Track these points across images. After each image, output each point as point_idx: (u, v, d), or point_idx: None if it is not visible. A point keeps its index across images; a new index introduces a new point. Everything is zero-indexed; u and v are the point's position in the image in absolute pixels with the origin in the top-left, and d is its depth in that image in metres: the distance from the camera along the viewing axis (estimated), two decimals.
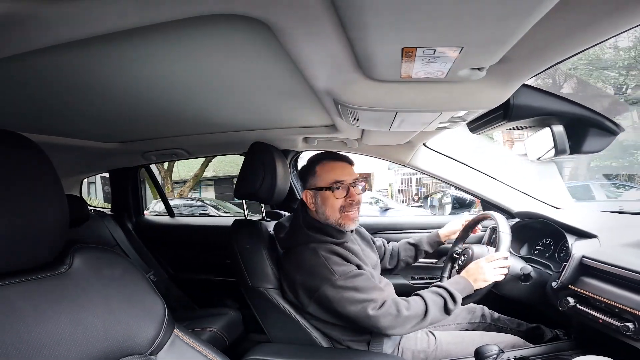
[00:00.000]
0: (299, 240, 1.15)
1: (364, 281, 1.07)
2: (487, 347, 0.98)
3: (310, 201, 1.17)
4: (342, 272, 1.07)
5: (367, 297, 1.04)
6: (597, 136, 1.07)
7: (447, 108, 0.92)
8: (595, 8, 0.53)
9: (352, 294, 1.04)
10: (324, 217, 1.15)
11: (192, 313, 1.94)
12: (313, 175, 1.17)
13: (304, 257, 1.11)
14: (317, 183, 1.16)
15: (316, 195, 1.16)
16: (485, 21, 0.50)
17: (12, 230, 0.49)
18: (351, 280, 1.06)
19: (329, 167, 1.18)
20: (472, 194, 1.77)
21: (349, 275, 1.07)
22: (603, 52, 7.50)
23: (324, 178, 1.16)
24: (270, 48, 0.70)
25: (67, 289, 0.57)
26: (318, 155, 1.23)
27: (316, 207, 1.17)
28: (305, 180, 1.19)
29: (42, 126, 1.23)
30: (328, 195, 1.14)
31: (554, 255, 1.34)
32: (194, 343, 0.70)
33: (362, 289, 1.05)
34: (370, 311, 1.01)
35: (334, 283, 1.05)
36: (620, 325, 0.92)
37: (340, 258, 1.10)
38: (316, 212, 1.17)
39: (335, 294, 1.05)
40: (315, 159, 1.21)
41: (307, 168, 1.20)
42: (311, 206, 1.17)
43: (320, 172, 1.17)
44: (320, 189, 1.15)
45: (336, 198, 1.14)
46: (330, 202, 1.14)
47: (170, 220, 2.32)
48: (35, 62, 0.70)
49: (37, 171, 0.54)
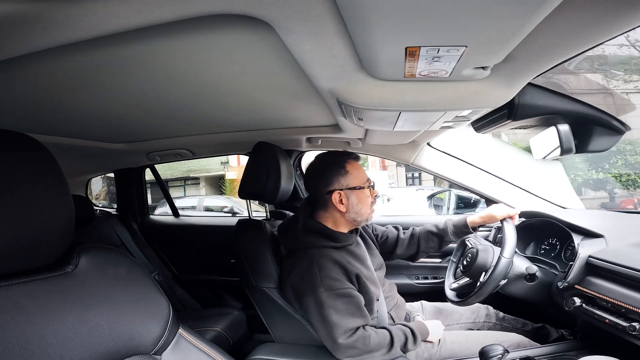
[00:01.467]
0: (299, 244, 1.15)
1: (348, 304, 1.05)
2: (491, 347, 0.97)
3: (343, 201, 1.15)
4: (329, 286, 1.05)
5: (341, 322, 1.02)
6: (603, 135, 1.06)
7: (451, 107, 0.91)
8: (600, 6, 0.52)
9: (330, 312, 1.03)
10: (358, 215, 1.16)
11: (197, 313, 1.96)
12: (345, 175, 1.15)
13: (299, 262, 1.11)
14: (352, 182, 1.15)
15: (350, 195, 1.15)
16: (490, 20, 0.50)
17: (18, 230, 0.50)
18: (335, 298, 1.04)
19: (357, 166, 1.19)
20: (477, 193, 1.76)
21: (335, 292, 1.05)
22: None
23: (356, 177, 1.16)
24: (274, 48, 0.70)
25: (73, 288, 0.57)
26: (338, 154, 1.21)
27: (349, 207, 1.15)
28: (331, 181, 1.15)
29: (48, 127, 1.24)
30: (365, 194, 1.17)
31: (560, 254, 1.33)
32: (199, 343, 0.70)
33: (341, 311, 1.04)
34: (339, 338, 1.01)
35: (317, 295, 1.04)
36: (627, 325, 0.91)
37: (337, 269, 1.08)
38: (347, 212, 1.15)
39: (314, 305, 1.05)
40: (339, 159, 1.18)
41: (332, 167, 1.17)
42: (341, 207, 1.15)
43: (351, 171, 1.17)
44: (358, 188, 1.16)
45: (369, 196, 1.18)
46: (366, 200, 1.17)
47: (175, 221, 2.33)
48: (39, 63, 0.70)
49: (44, 171, 0.55)
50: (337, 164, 1.17)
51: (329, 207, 1.16)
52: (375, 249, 1.35)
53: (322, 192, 1.16)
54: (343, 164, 1.17)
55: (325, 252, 1.10)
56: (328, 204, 1.16)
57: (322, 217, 1.19)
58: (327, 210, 1.17)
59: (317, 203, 1.19)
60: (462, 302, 1.27)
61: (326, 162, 1.19)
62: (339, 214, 1.16)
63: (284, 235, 1.22)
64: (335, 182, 1.15)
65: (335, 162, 1.18)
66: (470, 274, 1.28)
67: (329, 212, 1.17)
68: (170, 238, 2.27)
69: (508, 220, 1.24)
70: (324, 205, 1.17)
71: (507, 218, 1.25)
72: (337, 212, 1.16)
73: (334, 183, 1.15)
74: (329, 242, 1.13)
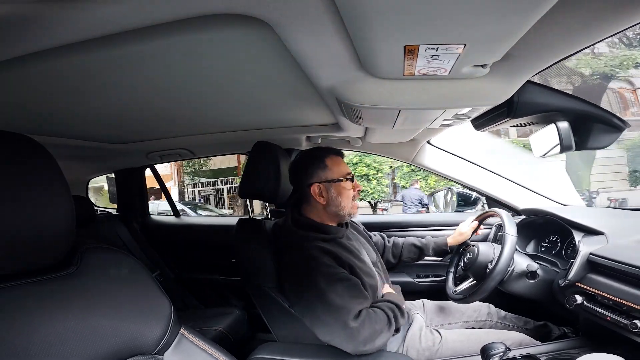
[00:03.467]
0: (291, 240, 1.16)
1: (349, 288, 1.05)
2: (493, 345, 0.97)
3: (322, 194, 1.17)
4: (325, 273, 1.05)
5: (346, 304, 1.02)
6: (603, 132, 1.06)
7: (450, 105, 0.91)
8: (599, 4, 0.52)
9: (333, 297, 1.02)
10: (338, 208, 1.18)
11: (198, 312, 1.96)
12: (324, 169, 1.18)
13: (293, 258, 1.12)
14: (330, 176, 1.18)
15: (329, 188, 1.18)
16: (488, 18, 0.50)
17: (19, 231, 0.50)
18: (334, 283, 1.04)
19: (337, 160, 1.22)
20: (477, 191, 1.76)
21: (332, 277, 1.05)
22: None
23: (336, 171, 1.19)
24: (273, 47, 0.70)
25: (75, 289, 0.57)
26: (319, 150, 1.24)
27: (329, 200, 1.17)
28: (311, 175, 1.18)
29: (48, 128, 1.24)
30: (344, 186, 1.19)
31: (561, 252, 1.33)
32: (201, 342, 0.70)
33: (343, 295, 1.03)
34: (351, 322, 0.99)
35: (317, 285, 1.04)
36: (628, 322, 0.91)
37: (330, 258, 1.09)
38: (327, 205, 1.18)
39: (316, 296, 1.04)
40: (320, 154, 1.21)
41: (313, 162, 1.20)
42: (321, 199, 1.17)
43: (331, 166, 1.19)
44: (337, 181, 1.18)
45: (349, 189, 1.20)
46: (346, 193, 1.19)
47: (175, 221, 2.33)
48: (39, 64, 0.70)
49: (44, 173, 0.55)
50: (317, 158, 1.20)
51: (310, 200, 1.20)
52: (368, 244, 1.36)
53: (303, 186, 1.19)
54: (323, 158, 1.20)
55: (315, 244, 1.11)
56: (310, 197, 1.19)
57: (308, 211, 1.21)
58: (310, 204, 1.21)
59: (301, 197, 1.23)
60: (463, 300, 1.27)
61: (308, 156, 1.23)
62: (321, 207, 1.19)
63: (279, 230, 1.24)
64: (315, 175, 1.18)
65: (316, 156, 1.21)
66: (472, 271, 1.29)
67: (311, 205, 1.20)
68: (171, 238, 2.27)
69: (508, 218, 1.24)
70: (307, 199, 1.21)
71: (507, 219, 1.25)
72: (319, 205, 1.19)
73: (313, 176, 1.18)
74: (318, 234, 1.15)
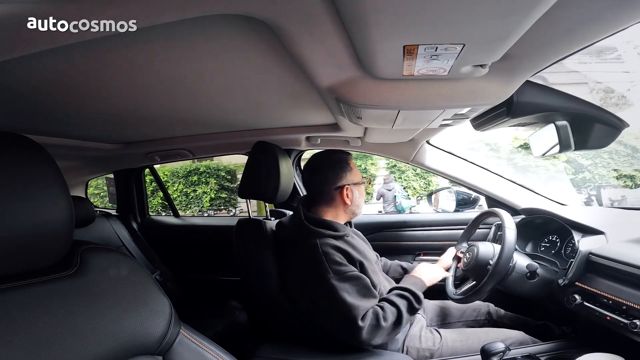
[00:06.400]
0: (302, 235, 1.16)
1: (358, 286, 1.07)
2: (493, 344, 0.98)
3: (349, 195, 1.21)
4: (337, 271, 1.07)
5: (356, 303, 1.04)
6: (602, 132, 1.06)
7: (449, 105, 0.91)
8: (597, 4, 0.52)
9: (343, 295, 1.04)
10: (358, 208, 1.25)
11: (198, 312, 1.96)
12: (350, 172, 1.23)
13: (303, 253, 1.12)
14: (354, 178, 1.24)
15: (354, 190, 1.23)
16: (487, 18, 0.50)
17: (19, 232, 0.50)
18: (344, 281, 1.06)
19: (353, 163, 1.27)
20: (477, 191, 1.76)
21: (343, 275, 1.07)
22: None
23: (356, 173, 1.25)
24: (273, 48, 0.70)
25: (75, 289, 0.57)
26: (342, 152, 1.28)
27: (353, 200, 1.23)
28: (340, 178, 1.21)
29: (47, 128, 1.24)
30: (363, 188, 1.27)
31: (560, 252, 1.33)
32: (200, 342, 0.70)
33: (352, 293, 1.05)
34: (360, 321, 1.02)
35: (327, 282, 1.05)
36: (628, 322, 0.91)
37: (341, 256, 1.10)
38: (350, 206, 1.22)
39: (326, 293, 1.05)
40: (344, 157, 1.25)
41: (341, 165, 1.23)
42: (347, 201, 1.21)
43: (353, 168, 1.25)
44: (360, 183, 1.25)
45: (364, 190, 1.28)
46: (364, 194, 1.28)
47: (175, 220, 2.33)
48: (38, 64, 0.70)
49: (43, 173, 0.54)
50: (342, 161, 1.24)
51: (335, 201, 1.22)
52: (369, 246, 1.37)
53: (330, 188, 1.21)
54: (348, 161, 1.25)
55: (327, 241, 1.12)
56: (335, 199, 1.21)
57: (323, 211, 1.22)
58: (331, 205, 1.22)
59: (320, 199, 1.23)
60: (463, 299, 1.27)
61: (332, 159, 1.24)
62: (342, 207, 1.22)
63: (284, 228, 1.24)
64: (343, 178, 1.21)
65: (341, 159, 1.24)
66: (472, 271, 1.29)
67: (332, 206, 1.22)
68: (170, 238, 2.27)
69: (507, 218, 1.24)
70: (330, 200, 1.22)
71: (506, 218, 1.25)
72: (342, 205, 1.22)
73: (342, 179, 1.21)
74: (329, 231, 1.15)
